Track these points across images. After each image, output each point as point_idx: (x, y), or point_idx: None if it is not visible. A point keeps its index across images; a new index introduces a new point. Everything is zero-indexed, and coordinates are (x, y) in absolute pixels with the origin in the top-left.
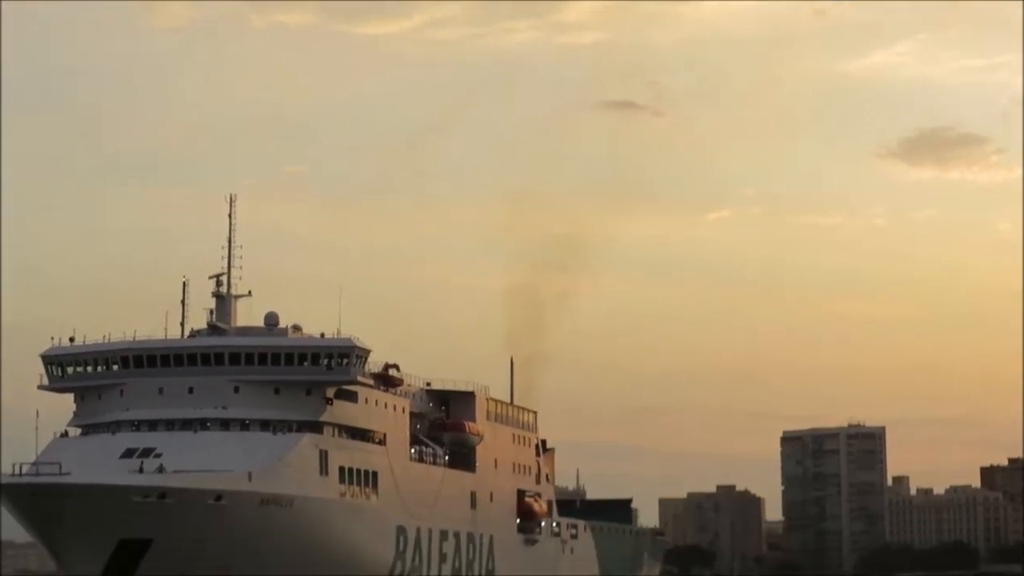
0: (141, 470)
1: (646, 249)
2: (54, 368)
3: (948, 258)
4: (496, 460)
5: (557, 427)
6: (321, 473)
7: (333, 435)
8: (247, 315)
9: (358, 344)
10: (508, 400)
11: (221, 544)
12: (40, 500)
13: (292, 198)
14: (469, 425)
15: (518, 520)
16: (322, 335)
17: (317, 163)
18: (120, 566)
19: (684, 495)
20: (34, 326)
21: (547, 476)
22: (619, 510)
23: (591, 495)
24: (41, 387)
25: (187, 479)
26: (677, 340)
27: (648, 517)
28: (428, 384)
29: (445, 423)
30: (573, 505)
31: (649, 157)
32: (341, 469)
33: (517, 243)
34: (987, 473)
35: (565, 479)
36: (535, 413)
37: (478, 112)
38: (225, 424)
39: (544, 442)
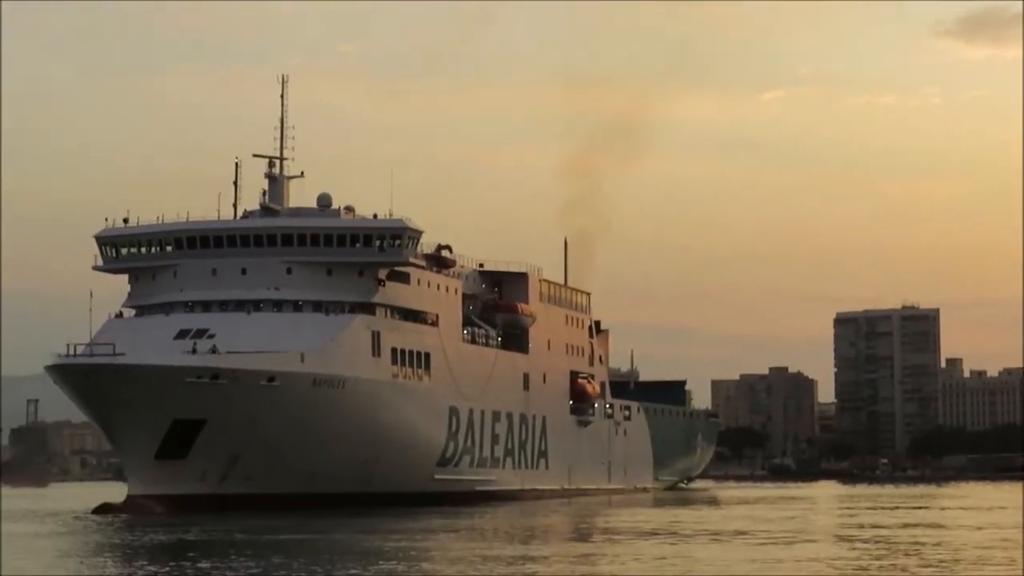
0: (194, 351)
1: (700, 129)
2: (108, 249)
3: (1004, 137)
4: (549, 341)
5: (611, 308)
6: (373, 354)
7: (385, 316)
8: (300, 196)
9: (410, 225)
10: (562, 281)
11: (274, 424)
12: (94, 381)
13: (345, 77)
14: (522, 306)
15: (571, 401)
16: (375, 216)
17: (369, 42)
18: (174, 445)
19: (736, 377)
20: (88, 207)
21: (600, 357)
22: (673, 392)
23: (644, 377)
24: (96, 268)
25: (240, 360)
26: (731, 221)
27: (700, 399)
28: (481, 265)
29: (498, 304)
30: (627, 387)
31: (703, 37)
32: (393, 350)
33: (571, 123)
34: None
35: (619, 360)
36: (588, 295)
37: None
38: (278, 305)
39: (598, 323)
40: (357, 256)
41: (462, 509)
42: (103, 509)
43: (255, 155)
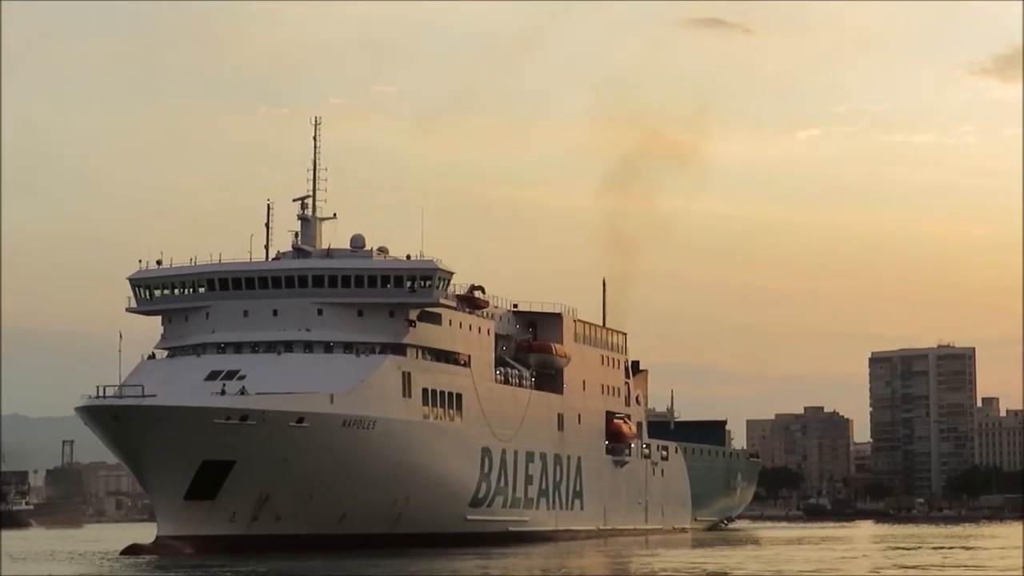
0: (223, 392)
1: (736, 167)
2: (141, 291)
3: None
4: (584, 382)
5: (649, 348)
6: (404, 395)
7: (416, 357)
8: (333, 237)
9: (441, 266)
10: (600, 322)
11: (304, 465)
12: (123, 422)
13: (381, 118)
14: (556, 347)
15: (607, 442)
16: (408, 257)
17: (406, 82)
18: (204, 486)
19: (772, 416)
20: (124, 248)
21: (637, 398)
22: (713, 432)
23: (681, 417)
24: (129, 310)
25: (269, 401)
26: (766, 258)
27: (736, 439)
28: (515, 306)
29: (531, 345)
30: (667, 427)
31: (739, 75)
32: (424, 391)
33: (607, 162)
34: None
35: (659, 400)
36: (625, 335)
37: (567, 30)
38: (309, 346)
39: (637, 364)
40: (387, 297)
41: (495, 550)
42: (132, 550)
43: (294, 199)
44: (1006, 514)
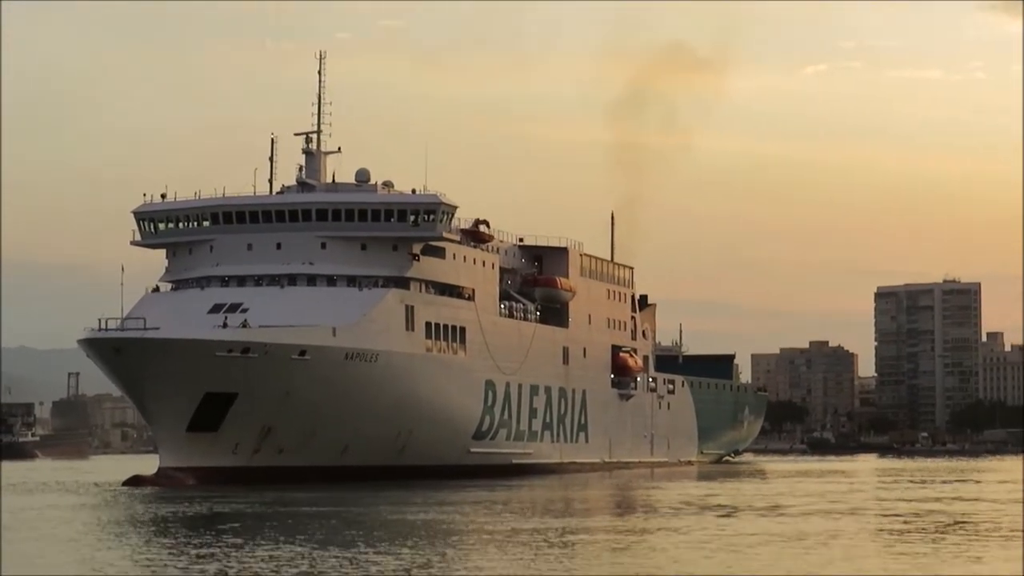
0: (225, 325)
1: (744, 104)
2: (146, 224)
3: None
4: (590, 316)
5: (658, 282)
6: (407, 328)
7: (420, 291)
8: (339, 171)
9: (444, 200)
10: (609, 257)
11: (306, 398)
12: (124, 354)
13: (387, 53)
14: (561, 281)
15: (612, 375)
16: (413, 191)
17: (412, 17)
18: (206, 418)
19: (777, 351)
20: (126, 183)
21: (644, 332)
22: (721, 366)
23: (688, 351)
24: (134, 243)
25: (271, 334)
26: (773, 194)
27: (742, 373)
28: (520, 240)
29: (536, 279)
30: (675, 361)
31: (747, 10)
32: (428, 324)
33: (616, 98)
34: None
35: (668, 335)
36: (632, 269)
37: None
38: (312, 280)
39: (645, 298)
40: (391, 231)
41: (498, 482)
42: (134, 481)
43: (296, 133)
44: (1009, 448)
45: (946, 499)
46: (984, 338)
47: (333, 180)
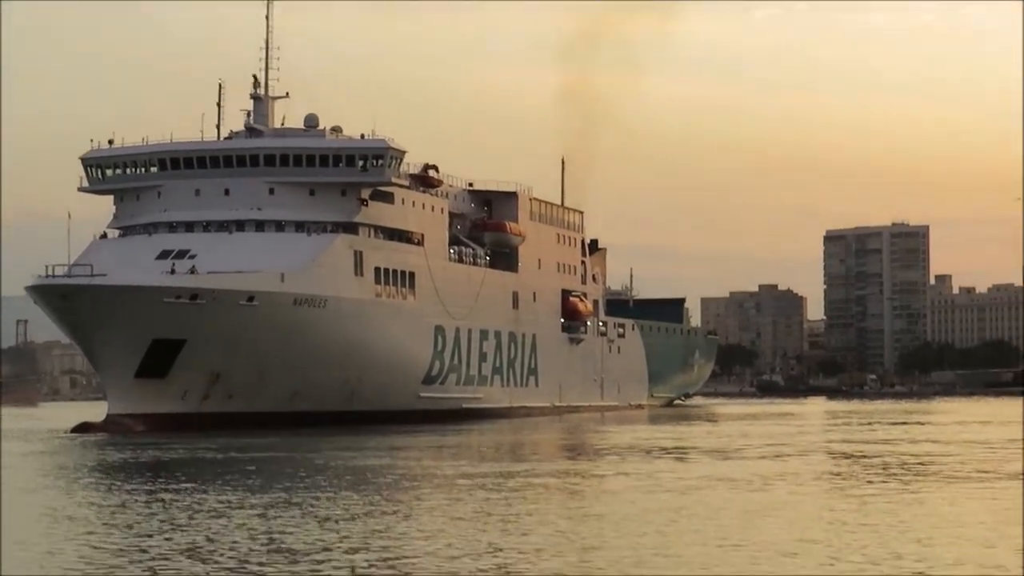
0: (173, 271)
1: (694, 48)
2: (93, 170)
3: (997, 55)
4: (540, 260)
5: (608, 227)
6: (356, 273)
7: (369, 236)
8: (289, 118)
9: (392, 145)
10: (559, 201)
11: (255, 344)
12: (71, 301)
13: None
14: (511, 225)
15: (562, 319)
16: (362, 137)
17: None
18: (154, 365)
19: (726, 294)
20: (74, 129)
21: (594, 276)
22: (671, 309)
23: (639, 296)
24: (81, 189)
25: (219, 280)
26: (722, 138)
27: (692, 317)
28: (470, 185)
29: (486, 223)
30: (626, 305)
31: None
32: (376, 269)
33: (566, 42)
34: None
35: (619, 279)
36: (582, 213)
37: None
38: (260, 225)
39: (595, 242)
40: (339, 176)
41: (448, 427)
42: (82, 428)
43: (253, 75)
44: (957, 390)
45: (896, 441)
46: (932, 281)
47: (283, 125)
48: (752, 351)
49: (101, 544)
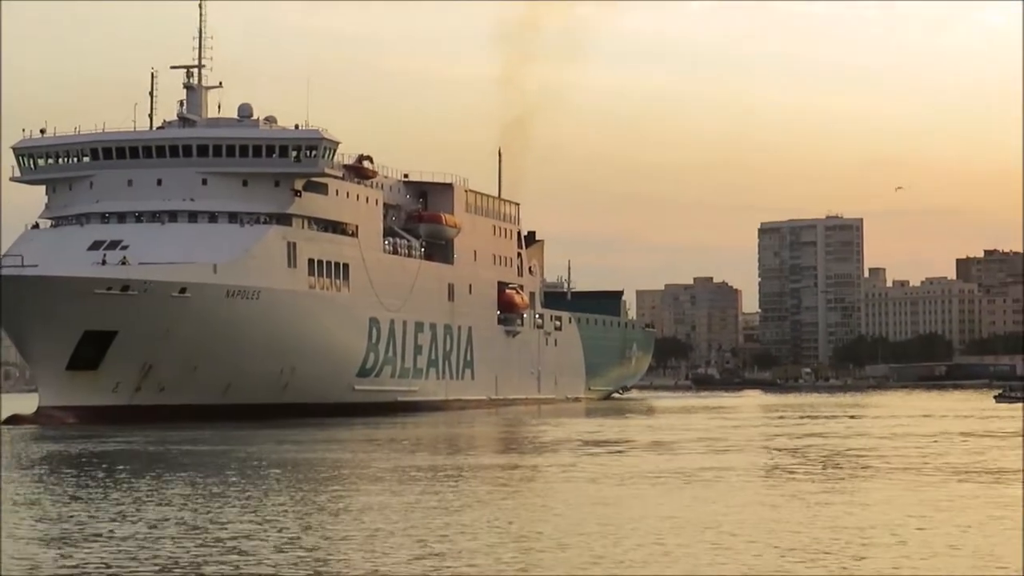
0: (104, 262)
1: (631, 38)
2: (25, 160)
3: (931, 47)
4: (475, 252)
5: (546, 219)
6: (289, 265)
7: (302, 227)
8: (224, 107)
9: (326, 136)
10: (496, 193)
11: (187, 336)
12: (1, 292)
13: None
14: (446, 217)
15: (498, 312)
16: (296, 127)
17: None
18: (86, 356)
19: (661, 287)
20: (4, 119)
21: (531, 268)
22: (609, 302)
23: (578, 288)
24: (13, 179)
25: (150, 271)
26: (658, 130)
27: (629, 309)
28: (405, 176)
29: (421, 215)
30: (564, 297)
31: None
32: (310, 261)
33: (503, 34)
34: (963, 265)
35: (558, 271)
36: (518, 205)
37: None
38: (193, 216)
39: (533, 234)
40: (272, 167)
41: (383, 419)
42: (13, 420)
43: (173, 67)
44: (891, 383)
45: (830, 435)
46: (866, 274)
47: (219, 111)
48: (687, 344)
49: (25, 536)
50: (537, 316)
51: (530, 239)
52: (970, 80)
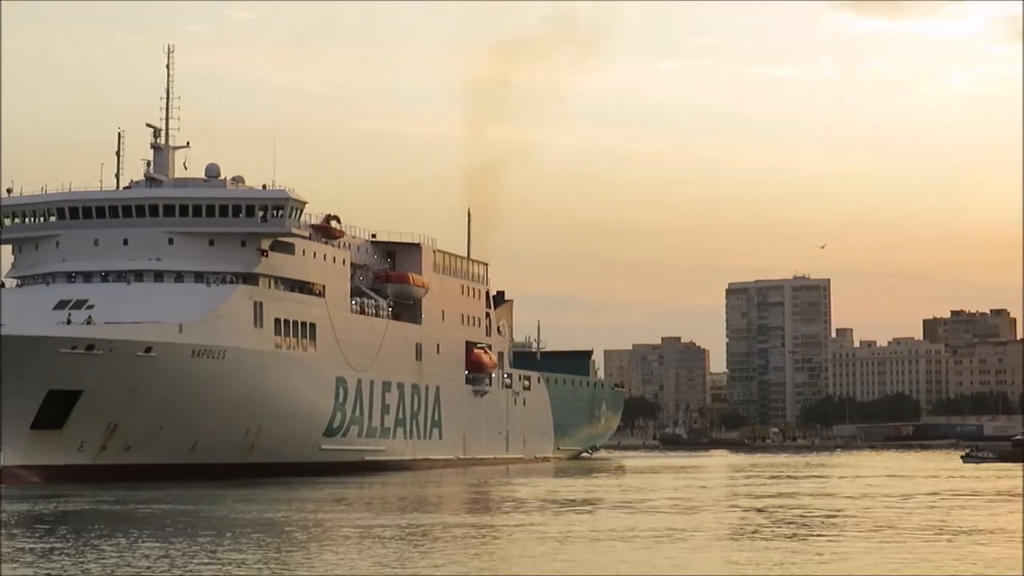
0: (69, 321)
1: (598, 100)
2: None
3: (896, 111)
4: (443, 312)
5: (515, 279)
6: (255, 324)
7: (269, 287)
8: (191, 167)
9: (293, 196)
10: (465, 253)
11: (153, 395)
12: None
13: (238, 47)
14: (414, 277)
15: (466, 372)
16: (264, 187)
17: (264, 9)
18: (50, 416)
19: (629, 347)
20: None
21: (500, 328)
22: (578, 362)
23: (546, 347)
24: None
25: (116, 331)
26: (625, 190)
27: (599, 369)
28: (373, 236)
29: (389, 275)
30: (533, 357)
31: (599, 6)
32: (277, 321)
33: (472, 93)
34: (929, 325)
35: (527, 331)
36: (486, 265)
37: None
38: (159, 276)
39: (502, 294)
40: (239, 227)
41: (350, 479)
42: None
43: (147, 124)
44: (858, 443)
45: (799, 494)
46: (834, 334)
47: (185, 169)
48: (655, 404)
49: None
50: (505, 376)
51: (499, 299)
52: (936, 143)
